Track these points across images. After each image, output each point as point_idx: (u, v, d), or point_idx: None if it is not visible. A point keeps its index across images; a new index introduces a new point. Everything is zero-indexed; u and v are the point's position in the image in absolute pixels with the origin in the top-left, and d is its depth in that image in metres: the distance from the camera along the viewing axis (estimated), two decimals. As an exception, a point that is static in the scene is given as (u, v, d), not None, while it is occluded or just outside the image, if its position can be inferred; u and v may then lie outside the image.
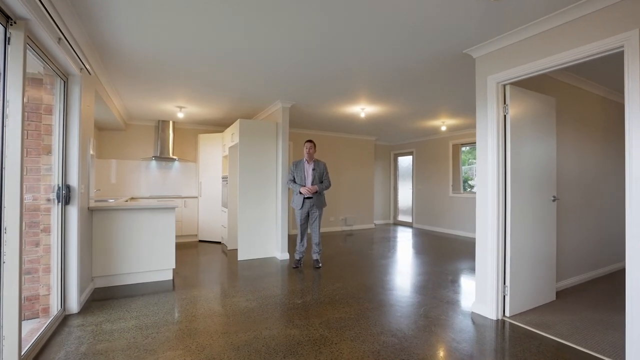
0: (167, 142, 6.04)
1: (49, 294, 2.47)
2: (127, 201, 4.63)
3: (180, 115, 5.29)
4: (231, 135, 5.06)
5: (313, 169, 4.16)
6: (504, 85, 2.64)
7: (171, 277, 3.63)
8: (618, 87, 3.81)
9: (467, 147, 7.29)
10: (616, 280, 3.67)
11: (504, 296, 2.63)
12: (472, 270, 4.08)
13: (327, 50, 2.88)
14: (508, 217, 2.61)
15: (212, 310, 2.74)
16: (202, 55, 3.02)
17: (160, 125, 6.01)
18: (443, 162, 7.43)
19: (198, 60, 3.13)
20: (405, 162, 8.87)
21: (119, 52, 2.95)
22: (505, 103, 2.64)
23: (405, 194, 8.80)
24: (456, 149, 7.23)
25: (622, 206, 4.17)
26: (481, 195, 2.72)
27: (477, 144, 2.78)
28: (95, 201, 3.98)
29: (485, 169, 2.69)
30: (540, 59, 2.33)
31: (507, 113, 2.63)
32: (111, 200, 4.36)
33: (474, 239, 6.36)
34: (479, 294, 2.72)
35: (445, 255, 4.97)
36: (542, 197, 2.87)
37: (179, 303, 2.90)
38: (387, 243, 5.99)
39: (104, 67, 3.29)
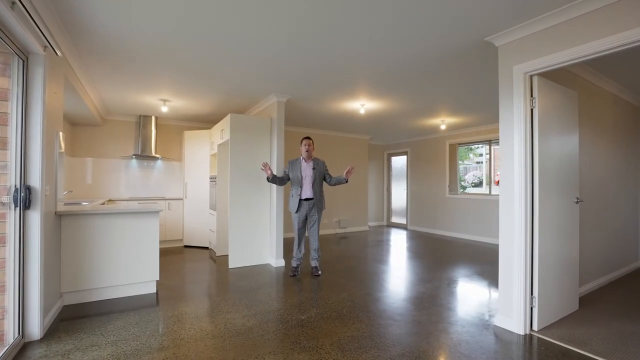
0: (149, 139, 5.56)
1: (3, 319, 2.04)
2: (104, 204, 4.17)
3: (164, 109, 4.85)
4: (220, 132, 4.67)
5: (313, 168, 3.83)
6: (531, 76, 2.40)
7: (154, 290, 3.21)
8: (630, 84, 3.67)
9: (463, 147, 7.15)
10: (633, 282, 3.53)
11: (532, 308, 2.39)
12: (480, 275, 3.85)
13: (327, 40, 2.57)
14: (536, 221, 2.37)
15: (204, 330, 2.37)
16: (187, 41, 2.65)
17: (142, 121, 5.53)
18: (439, 162, 7.25)
19: (183, 46, 2.75)
20: (398, 162, 8.66)
21: (91, 30, 2.53)
22: (532, 96, 2.40)
23: (398, 195, 8.59)
24: (453, 148, 7.06)
25: (633, 205, 4.07)
26: (506, 198, 2.47)
27: (500, 141, 2.53)
28: (66, 204, 3.51)
29: (511, 169, 2.45)
30: (581, 45, 2.08)
31: (534, 107, 2.39)
32: (85, 203, 3.89)
33: (474, 241, 6.22)
34: (503, 306, 2.47)
35: (447, 259, 4.74)
36: (566, 199, 2.66)
37: (165, 322, 2.51)
38: (385, 246, 5.73)
39: (75, 48, 2.85)
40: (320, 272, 3.86)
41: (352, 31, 2.49)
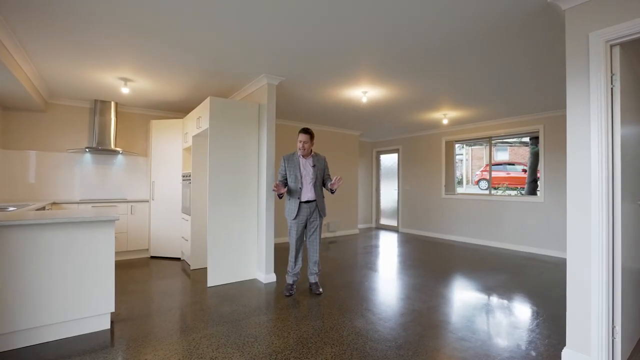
0: (107, 130, 4.61)
1: None
2: (43, 209, 3.25)
3: (125, 91, 3.95)
4: (197, 120, 3.87)
5: (313, 165, 3.17)
6: (612, 47, 1.89)
7: (108, 326, 2.39)
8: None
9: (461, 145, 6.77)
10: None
11: (613, 340, 1.88)
12: (505, 288, 3.37)
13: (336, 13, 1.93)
14: (617, 232, 1.87)
15: (180, 395, 1.64)
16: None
17: (98, 107, 4.57)
18: (435, 160, 6.82)
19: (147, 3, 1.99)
20: (388, 160, 8.17)
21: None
22: (612, 72, 1.89)
23: (388, 196, 8.10)
24: (450, 146, 6.65)
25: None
26: (579, 203, 1.95)
27: (569, 129, 2.00)
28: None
29: (587, 165, 1.92)
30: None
31: (614, 86, 1.89)
32: (12, 209, 2.96)
33: (475, 245, 5.79)
34: (575, 339, 1.94)
35: (457, 268, 4.25)
36: (631, 201, 2.19)
37: (120, 382, 1.75)
38: (384, 253, 5.17)
39: (-13, -11, 2.00)
40: (321, 290, 3.20)
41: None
